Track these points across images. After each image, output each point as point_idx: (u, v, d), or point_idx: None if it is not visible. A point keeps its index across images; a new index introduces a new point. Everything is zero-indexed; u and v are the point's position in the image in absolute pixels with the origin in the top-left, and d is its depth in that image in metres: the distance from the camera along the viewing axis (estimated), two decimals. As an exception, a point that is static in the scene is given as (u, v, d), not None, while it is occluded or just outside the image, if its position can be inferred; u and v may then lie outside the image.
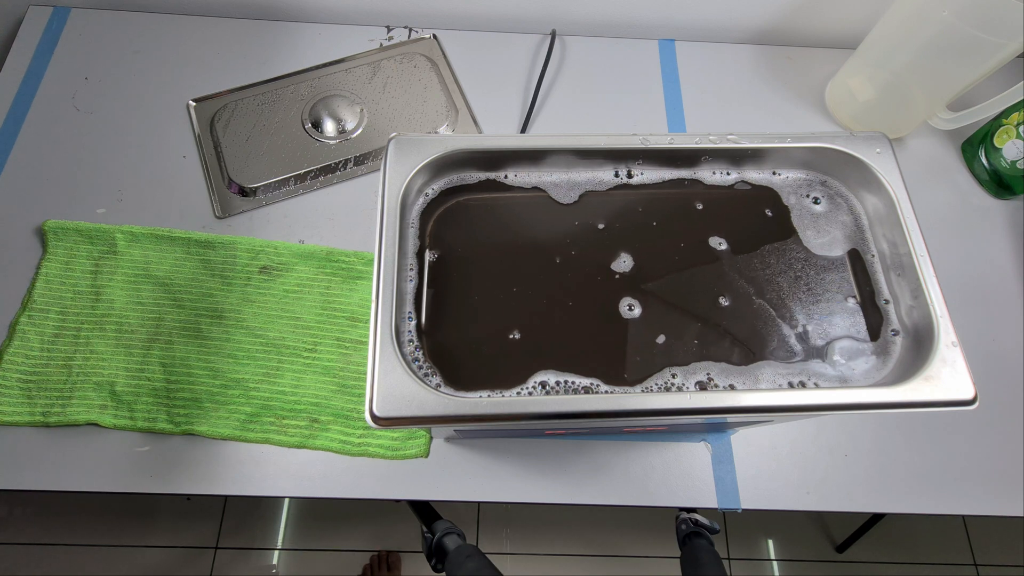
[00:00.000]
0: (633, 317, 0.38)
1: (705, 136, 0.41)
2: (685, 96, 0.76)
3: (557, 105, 0.75)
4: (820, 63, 0.78)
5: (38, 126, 0.69)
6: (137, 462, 0.55)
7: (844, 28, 0.77)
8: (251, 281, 0.61)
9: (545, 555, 1.33)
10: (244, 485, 0.55)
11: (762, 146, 0.41)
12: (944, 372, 0.34)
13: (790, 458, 0.58)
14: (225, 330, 0.59)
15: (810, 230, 0.41)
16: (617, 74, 0.77)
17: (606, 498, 0.56)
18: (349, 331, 0.60)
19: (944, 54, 0.59)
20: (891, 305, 0.38)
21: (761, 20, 0.77)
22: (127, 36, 0.75)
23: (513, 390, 0.36)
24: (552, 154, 0.41)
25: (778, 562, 1.35)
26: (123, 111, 0.70)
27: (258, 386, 0.57)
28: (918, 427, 0.59)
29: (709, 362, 0.37)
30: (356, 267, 0.62)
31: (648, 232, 0.41)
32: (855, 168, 0.41)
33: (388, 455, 0.56)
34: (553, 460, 0.57)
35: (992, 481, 0.58)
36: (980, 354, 0.62)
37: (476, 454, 0.57)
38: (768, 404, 0.33)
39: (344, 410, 0.57)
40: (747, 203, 0.42)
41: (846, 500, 0.56)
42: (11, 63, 0.72)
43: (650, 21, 0.78)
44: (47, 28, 0.75)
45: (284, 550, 1.31)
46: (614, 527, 1.36)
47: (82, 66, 0.72)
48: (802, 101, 0.76)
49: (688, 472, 0.57)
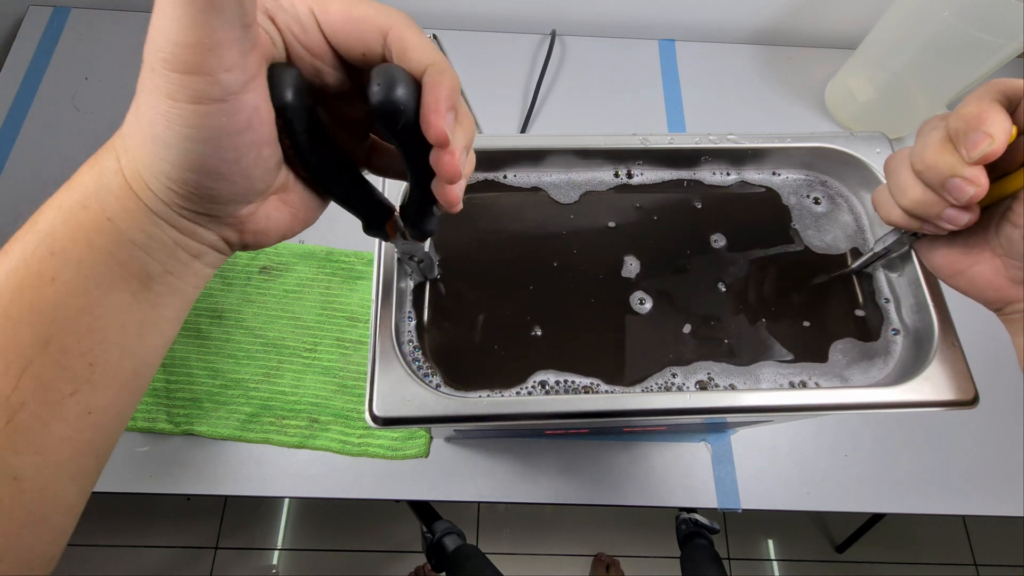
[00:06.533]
0: (634, 317, 0.38)
1: (705, 136, 0.41)
2: (685, 96, 0.76)
3: (557, 105, 0.75)
4: (820, 63, 0.78)
5: (38, 126, 0.69)
6: (137, 462, 0.55)
7: (844, 28, 0.77)
8: (251, 281, 0.61)
9: (545, 555, 1.33)
10: (244, 485, 0.55)
11: (762, 146, 0.41)
12: (944, 372, 0.34)
13: (790, 458, 0.58)
14: (225, 330, 0.59)
15: (810, 230, 0.41)
16: (617, 74, 0.77)
17: (606, 498, 0.56)
18: (349, 331, 0.60)
19: (944, 54, 0.59)
20: (891, 305, 0.38)
21: (761, 20, 0.77)
22: (127, 36, 0.75)
23: (513, 390, 0.36)
24: (552, 154, 0.41)
25: (778, 562, 1.35)
26: (123, 111, 0.70)
27: (258, 386, 0.57)
28: (918, 427, 0.59)
29: (709, 362, 0.37)
30: (356, 267, 0.62)
31: (649, 232, 0.41)
32: (855, 168, 0.41)
33: (388, 455, 0.56)
34: (553, 460, 0.57)
35: (992, 481, 0.58)
36: (980, 354, 0.62)
37: (476, 454, 0.57)
38: (768, 404, 0.33)
39: (344, 410, 0.57)
40: (747, 203, 0.42)
41: (846, 500, 0.56)
42: (11, 63, 0.72)
43: (650, 21, 0.78)
44: (47, 28, 0.75)
45: (284, 550, 1.31)
46: (614, 527, 1.36)
47: (82, 66, 0.72)
48: (802, 101, 0.76)
49: (688, 472, 0.57)
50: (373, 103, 0.19)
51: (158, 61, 0.17)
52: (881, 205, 0.30)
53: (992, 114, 0.24)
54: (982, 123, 0.24)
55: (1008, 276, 0.28)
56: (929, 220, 0.28)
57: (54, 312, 0.19)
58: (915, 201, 0.27)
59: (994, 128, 0.23)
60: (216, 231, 0.22)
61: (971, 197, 0.25)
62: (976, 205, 0.26)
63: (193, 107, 0.18)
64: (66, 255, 0.20)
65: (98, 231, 0.20)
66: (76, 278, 0.20)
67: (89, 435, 0.21)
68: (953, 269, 0.30)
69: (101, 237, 0.20)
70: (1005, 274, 0.28)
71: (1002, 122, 0.24)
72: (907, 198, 0.27)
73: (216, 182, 0.20)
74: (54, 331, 0.19)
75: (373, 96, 0.19)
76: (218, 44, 0.17)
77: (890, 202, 0.29)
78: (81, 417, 0.21)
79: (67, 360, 0.20)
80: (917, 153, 0.26)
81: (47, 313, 0.19)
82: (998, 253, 0.28)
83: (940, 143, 0.25)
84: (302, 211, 0.25)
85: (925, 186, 0.27)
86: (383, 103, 0.19)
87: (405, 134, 0.20)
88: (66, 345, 0.20)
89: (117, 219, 0.20)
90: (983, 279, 0.29)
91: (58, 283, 0.20)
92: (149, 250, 0.21)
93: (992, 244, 0.28)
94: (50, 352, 0.19)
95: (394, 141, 0.21)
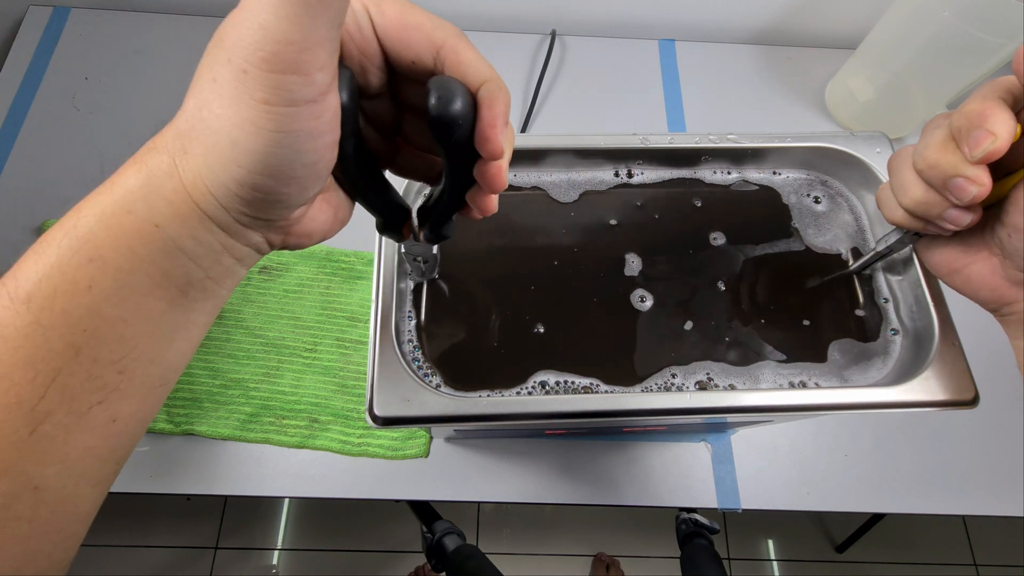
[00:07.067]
0: (635, 316, 0.38)
1: (705, 136, 0.41)
2: (685, 96, 0.76)
3: (557, 105, 0.75)
4: (820, 63, 0.78)
5: (38, 126, 0.69)
6: (137, 462, 0.55)
7: (844, 28, 0.77)
8: (251, 281, 0.61)
9: (545, 555, 1.33)
10: (244, 485, 0.55)
11: (762, 146, 0.41)
12: (944, 372, 0.34)
13: (790, 458, 0.58)
14: (225, 330, 0.59)
15: (810, 229, 0.41)
16: (617, 74, 0.77)
17: (606, 498, 0.56)
18: (349, 331, 0.60)
19: (944, 54, 0.59)
20: (891, 304, 0.38)
21: (761, 20, 0.77)
22: (127, 36, 0.75)
23: (513, 390, 0.36)
24: (552, 154, 0.41)
25: (778, 562, 1.35)
26: (123, 111, 0.70)
27: (258, 386, 0.57)
28: (918, 427, 0.59)
29: (709, 362, 0.37)
30: (356, 267, 0.62)
31: (649, 232, 0.41)
32: (855, 168, 0.41)
33: (388, 455, 0.56)
34: (553, 460, 0.57)
35: (992, 481, 0.58)
36: (980, 354, 0.62)
37: (476, 454, 0.57)
38: (768, 404, 0.33)
39: (344, 410, 0.57)
40: (747, 202, 0.42)
41: (846, 500, 0.56)
42: (11, 63, 0.72)
43: (650, 21, 0.78)
44: (47, 28, 0.75)
45: (284, 550, 1.31)
46: (614, 527, 1.36)
47: (82, 66, 0.72)
48: (802, 101, 0.76)
49: (688, 472, 0.57)
50: (432, 115, 0.20)
51: (256, 61, 0.16)
52: (884, 204, 0.30)
53: (996, 111, 0.23)
54: (985, 120, 0.23)
55: (1005, 276, 0.27)
56: (931, 220, 0.27)
57: (87, 321, 0.19)
58: (917, 201, 0.27)
59: (997, 126, 0.23)
60: (263, 233, 0.22)
61: (973, 197, 0.24)
62: (978, 205, 0.26)
63: (287, 110, 0.17)
64: (105, 263, 0.19)
65: (143, 239, 0.19)
66: (113, 286, 0.19)
67: (113, 443, 0.21)
68: (950, 267, 0.29)
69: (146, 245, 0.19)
70: (1002, 274, 0.28)
71: (1006, 120, 0.23)
72: (909, 197, 0.27)
73: (289, 186, 0.19)
74: (86, 340, 0.19)
75: (432, 108, 0.20)
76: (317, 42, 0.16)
77: (893, 201, 0.29)
78: (106, 425, 0.20)
79: (97, 369, 0.19)
80: (919, 152, 0.26)
81: (80, 321, 0.19)
82: (995, 252, 0.28)
83: (942, 141, 0.25)
84: (341, 211, 0.24)
85: (927, 185, 0.26)
86: (442, 116, 0.20)
87: (456, 145, 0.21)
88: (97, 354, 0.19)
89: (167, 226, 0.19)
90: (980, 278, 0.28)
91: (94, 291, 0.19)
92: (195, 257, 0.20)
93: (990, 243, 0.28)
94: (80, 361, 0.19)
95: (441, 150, 0.22)
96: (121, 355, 0.20)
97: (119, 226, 0.19)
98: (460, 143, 0.21)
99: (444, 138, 0.20)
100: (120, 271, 0.19)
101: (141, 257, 0.19)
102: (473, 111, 0.20)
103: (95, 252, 0.19)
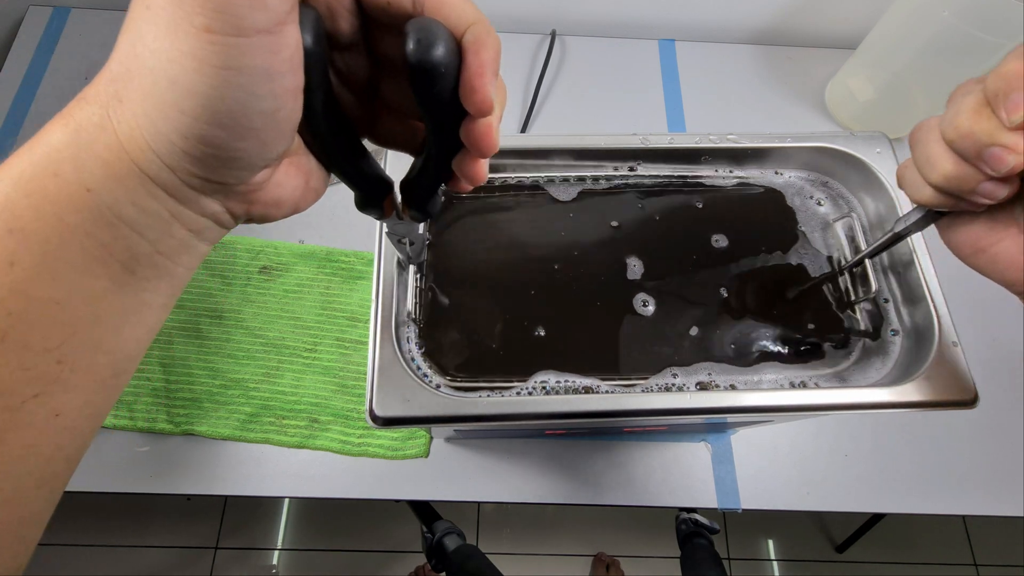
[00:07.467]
0: (635, 317, 0.38)
1: (705, 136, 0.41)
2: (685, 96, 0.76)
3: (557, 105, 0.75)
4: (820, 63, 0.78)
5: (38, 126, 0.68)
6: (137, 462, 0.55)
7: (844, 28, 0.77)
8: (251, 281, 0.61)
9: (545, 555, 1.33)
10: (244, 485, 0.55)
11: (762, 146, 0.41)
12: (944, 372, 0.34)
13: (790, 458, 0.58)
14: (225, 330, 0.59)
15: (811, 228, 0.41)
16: (617, 74, 0.77)
17: (606, 498, 0.56)
18: (349, 331, 0.60)
19: (944, 54, 0.59)
20: (891, 305, 0.38)
21: (761, 20, 0.77)
22: (127, 36, 0.74)
23: (513, 390, 0.36)
24: (552, 154, 0.41)
25: (778, 562, 1.35)
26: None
27: (258, 386, 0.57)
28: (918, 427, 0.59)
29: (710, 362, 0.37)
30: (356, 267, 0.62)
31: (650, 232, 0.41)
32: (855, 168, 0.41)
33: (388, 455, 0.56)
34: (553, 460, 0.57)
35: (992, 481, 0.58)
36: (980, 354, 0.62)
37: (476, 454, 0.57)
38: (768, 404, 0.33)
39: (344, 410, 0.57)
40: (747, 203, 0.42)
41: (846, 500, 0.56)
42: (11, 63, 0.72)
43: (650, 21, 0.78)
44: (47, 28, 0.75)
45: (284, 550, 1.31)
46: (614, 527, 1.36)
47: (82, 66, 0.72)
48: (802, 101, 0.76)
49: (688, 472, 0.57)
50: (411, 62, 0.17)
51: None
52: (908, 183, 0.26)
53: None
54: None
55: None
56: (963, 196, 0.24)
57: (11, 302, 0.16)
58: (947, 175, 0.24)
59: None
60: (221, 201, 0.19)
61: (1012, 168, 0.22)
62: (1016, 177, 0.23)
63: (235, 40, 0.14)
64: (27, 234, 0.16)
65: (73, 206, 0.16)
66: (40, 261, 0.16)
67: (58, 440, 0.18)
68: (975, 247, 0.26)
69: (76, 213, 0.16)
70: None
71: None
72: (938, 172, 0.24)
73: (244, 140, 0.16)
74: (12, 325, 0.16)
75: (411, 54, 0.17)
76: None
77: (918, 179, 0.26)
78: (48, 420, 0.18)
79: (29, 358, 0.17)
80: (949, 120, 0.23)
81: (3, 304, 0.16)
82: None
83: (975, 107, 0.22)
84: (313, 178, 0.21)
85: (958, 158, 0.23)
86: (422, 62, 0.17)
87: (439, 99, 0.18)
88: (27, 341, 0.17)
89: (100, 190, 0.16)
90: (1008, 257, 0.26)
91: (17, 268, 0.16)
92: (139, 227, 0.17)
93: (1020, 219, 0.25)
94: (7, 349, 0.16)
95: (422, 107, 0.19)
96: (58, 342, 0.17)
97: (42, 191, 0.16)
98: (443, 97, 0.18)
99: (425, 91, 0.18)
100: (47, 243, 0.16)
101: (72, 227, 0.16)
102: (458, 58, 0.18)
103: (14, 222, 0.16)
